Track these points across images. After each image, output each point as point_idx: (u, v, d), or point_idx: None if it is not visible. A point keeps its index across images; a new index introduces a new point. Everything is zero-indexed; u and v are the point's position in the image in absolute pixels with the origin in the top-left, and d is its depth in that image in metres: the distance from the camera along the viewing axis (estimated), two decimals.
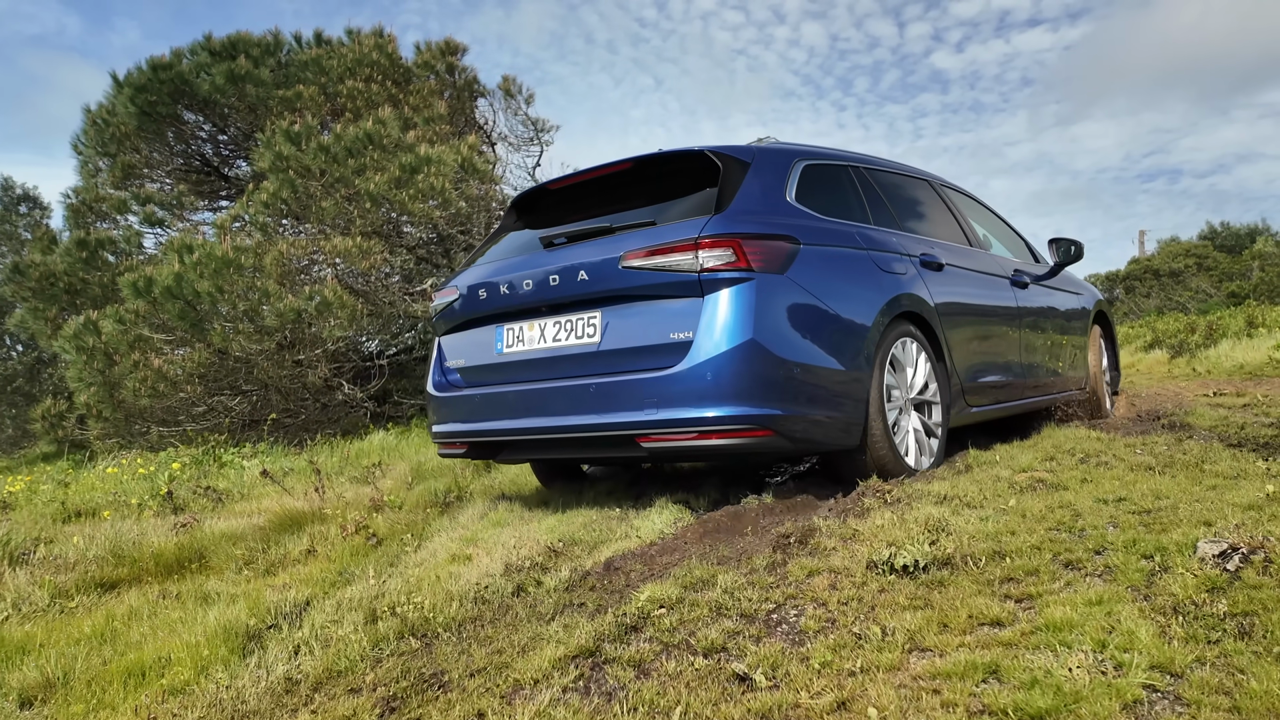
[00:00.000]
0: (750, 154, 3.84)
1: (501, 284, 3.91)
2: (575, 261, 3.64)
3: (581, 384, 3.58)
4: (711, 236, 3.35)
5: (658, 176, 3.99)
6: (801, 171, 3.99)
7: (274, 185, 9.34)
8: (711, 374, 3.26)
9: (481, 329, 4.11)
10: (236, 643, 2.55)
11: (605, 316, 3.60)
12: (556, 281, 3.68)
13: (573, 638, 2.21)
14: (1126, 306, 22.28)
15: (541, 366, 3.80)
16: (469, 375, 4.18)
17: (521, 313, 3.89)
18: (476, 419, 4.00)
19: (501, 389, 3.93)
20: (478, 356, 4.11)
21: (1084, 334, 5.99)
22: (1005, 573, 2.40)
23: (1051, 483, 3.66)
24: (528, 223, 4.44)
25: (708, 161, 3.78)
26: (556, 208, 4.35)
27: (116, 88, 11.28)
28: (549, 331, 3.77)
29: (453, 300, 4.19)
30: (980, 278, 4.88)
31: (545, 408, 3.70)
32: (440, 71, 12.05)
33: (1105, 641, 1.76)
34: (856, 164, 4.50)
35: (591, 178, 4.13)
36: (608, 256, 3.54)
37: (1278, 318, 11.37)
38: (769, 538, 3.31)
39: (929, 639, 1.99)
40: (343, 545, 3.98)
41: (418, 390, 10.92)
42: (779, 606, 2.40)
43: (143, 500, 6.01)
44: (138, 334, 8.93)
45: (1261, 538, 2.16)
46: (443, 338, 4.38)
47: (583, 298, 3.64)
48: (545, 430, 3.70)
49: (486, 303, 4.00)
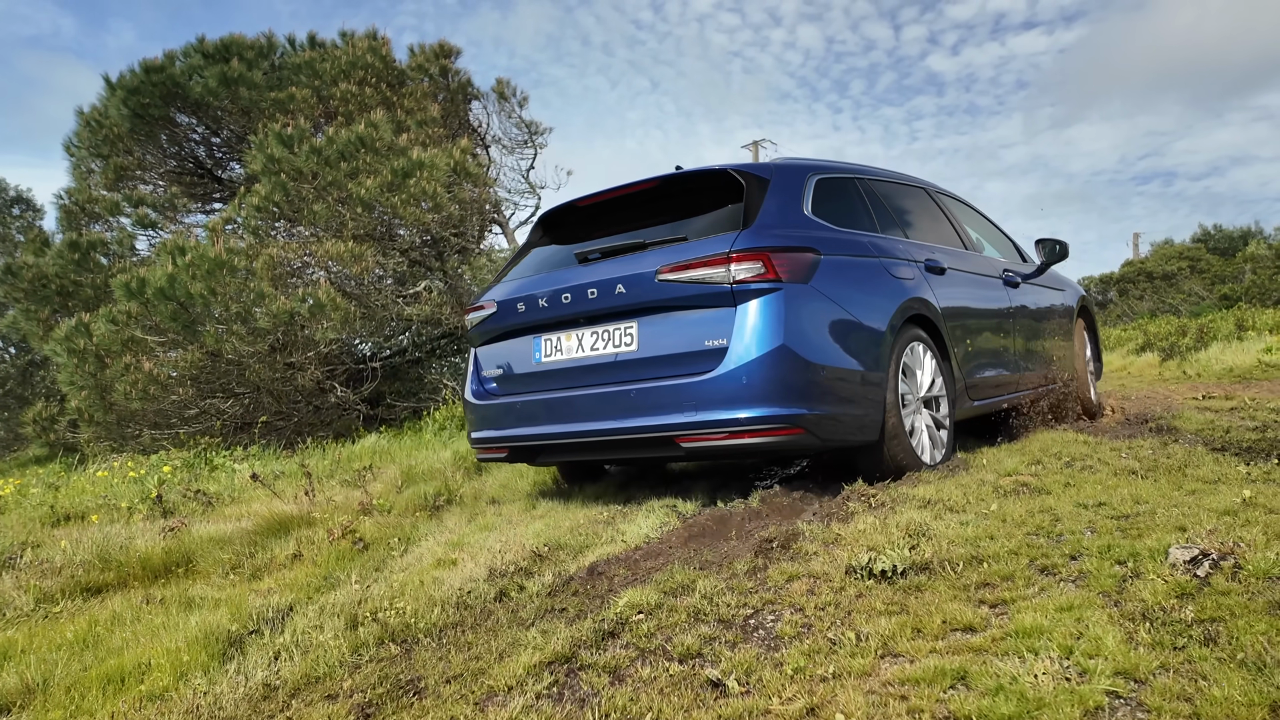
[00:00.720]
0: (769, 170, 4.07)
1: (540, 297, 4.10)
2: (613, 275, 3.84)
3: (622, 389, 3.79)
4: (742, 250, 3.58)
5: (682, 194, 4.21)
6: (815, 185, 4.22)
7: (266, 188, 9.34)
8: (746, 377, 3.49)
9: (519, 340, 4.31)
10: (217, 648, 2.55)
11: (641, 326, 3.82)
12: (595, 294, 3.89)
13: (550, 644, 2.22)
14: (1120, 309, 22.35)
15: (580, 374, 4.02)
16: (506, 384, 4.40)
17: (559, 324, 4.10)
18: (517, 425, 4.22)
19: (541, 396, 4.14)
20: (516, 366, 4.33)
21: (1069, 328, 6.27)
22: (982, 578, 2.42)
23: (1035, 487, 3.68)
24: (555, 239, 4.67)
25: (730, 179, 4.00)
26: (584, 224, 4.54)
27: (109, 90, 11.27)
28: (586, 341, 3.99)
29: (490, 314, 4.40)
30: (977, 279, 5.12)
31: (586, 413, 3.91)
32: (434, 74, 12.06)
33: (1072, 648, 1.78)
34: (861, 175, 4.74)
35: (618, 195, 4.31)
36: (644, 270, 3.76)
37: (1268, 321, 11.41)
38: (752, 542, 3.32)
39: (902, 645, 2.01)
40: (329, 550, 3.98)
41: (411, 393, 10.93)
42: (757, 612, 2.41)
43: (132, 504, 6.00)
44: (130, 335, 8.92)
45: (1232, 543, 2.17)
46: (479, 349, 4.59)
47: (620, 309, 3.85)
48: (586, 434, 3.92)
49: (525, 315, 4.20)
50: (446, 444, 8.00)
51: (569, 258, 4.26)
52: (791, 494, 4.37)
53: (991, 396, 5.06)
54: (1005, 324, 5.25)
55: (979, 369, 4.88)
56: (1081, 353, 6.39)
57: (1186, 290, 21.12)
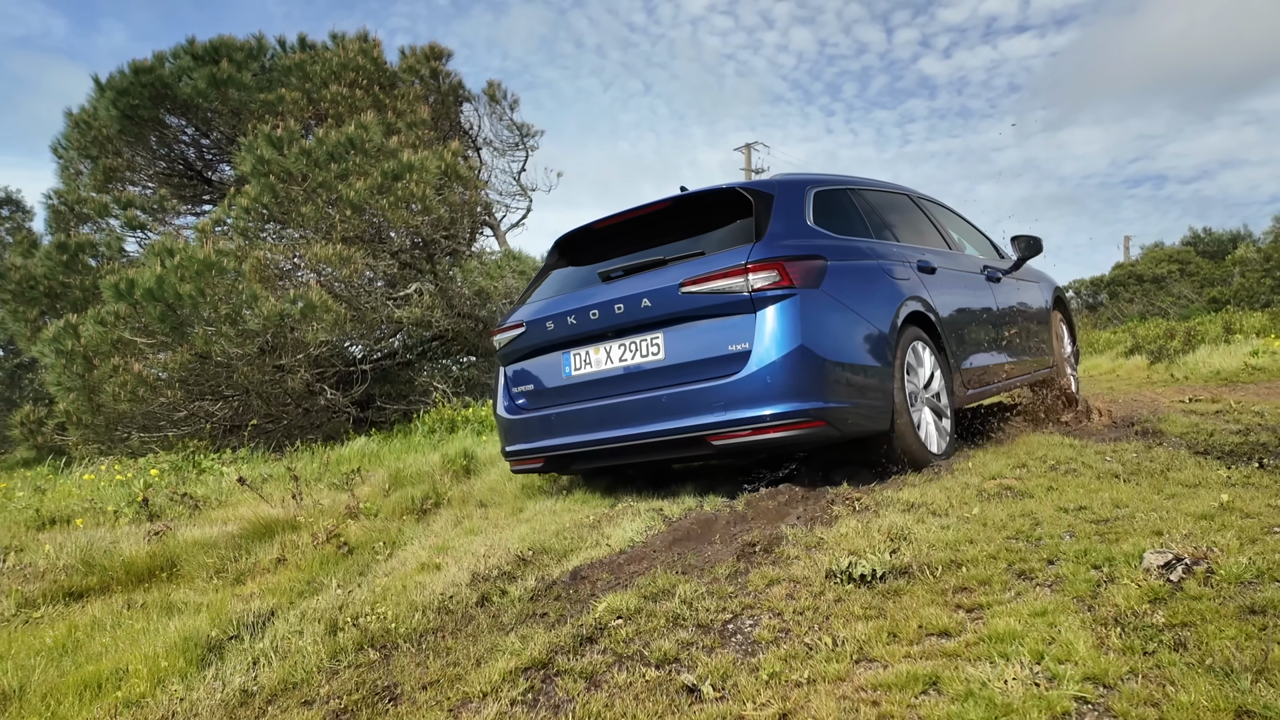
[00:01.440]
0: (772, 186, 4.34)
1: (568, 315, 4.34)
2: (638, 291, 4.08)
3: (653, 395, 4.03)
4: (757, 261, 3.84)
5: (692, 212, 4.45)
6: (814, 197, 4.50)
7: (255, 190, 9.32)
8: (770, 377, 3.75)
9: (548, 356, 4.55)
10: (196, 654, 2.55)
11: (667, 336, 4.07)
12: (622, 309, 4.13)
13: (528, 649, 2.22)
14: (1110, 311, 22.43)
15: (610, 384, 4.25)
16: (537, 398, 4.62)
17: (588, 339, 4.33)
18: (551, 436, 4.43)
19: (573, 407, 4.36)
20: (546, 381, 4.56)
21: (1047, 319, 6.60)
22: (960, 582, 2.43)
23: (1018, 490, 3.69)
24: (572, 260, 4.92)
25: (737, 196, 4.29)
26: (600, 245, 4.75)
27: (98, 91, 11.23)
28: (615, 353, 4.23)
29: (520, 333, 4.62)
30: (964, 276, 5.41)
31: (619, 420, 4.14)
32: (425, 76, 12.05)
33: (1043, 653, 1.79)
34: (852, 185, 5.03)
35: (632, 217, 4.55)
36: (667, 285, 4.00)
37: (1254, 324, 11.47)
38: (735, 546, 3.33)
39: (877, 650, 2.02)
40: (313, 554, 3.97)
41: (401, 395, 10.91)
42: (735, 616, 2.41)
43: (118, 507, 5.98)
44: (118, 337, 8.88)
45: (1206, 548, 2.19)
46: (508, 367, 4.82)
47: (646, 321, 4.09)
48: (620, 439, 4.14)
49: (554, 333, 4.43)
50: (436, 446, 7.99)
51: (591, 277, 4.49)
52: (777, 497, 4.38)
53: (984, 385, 5.33)
54: (992, 317, 5.54)
55: (971, 360, 5.13)
56: (1059, 341, 6.72)
57: (1176, 293, 21.22)
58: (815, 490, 4.39)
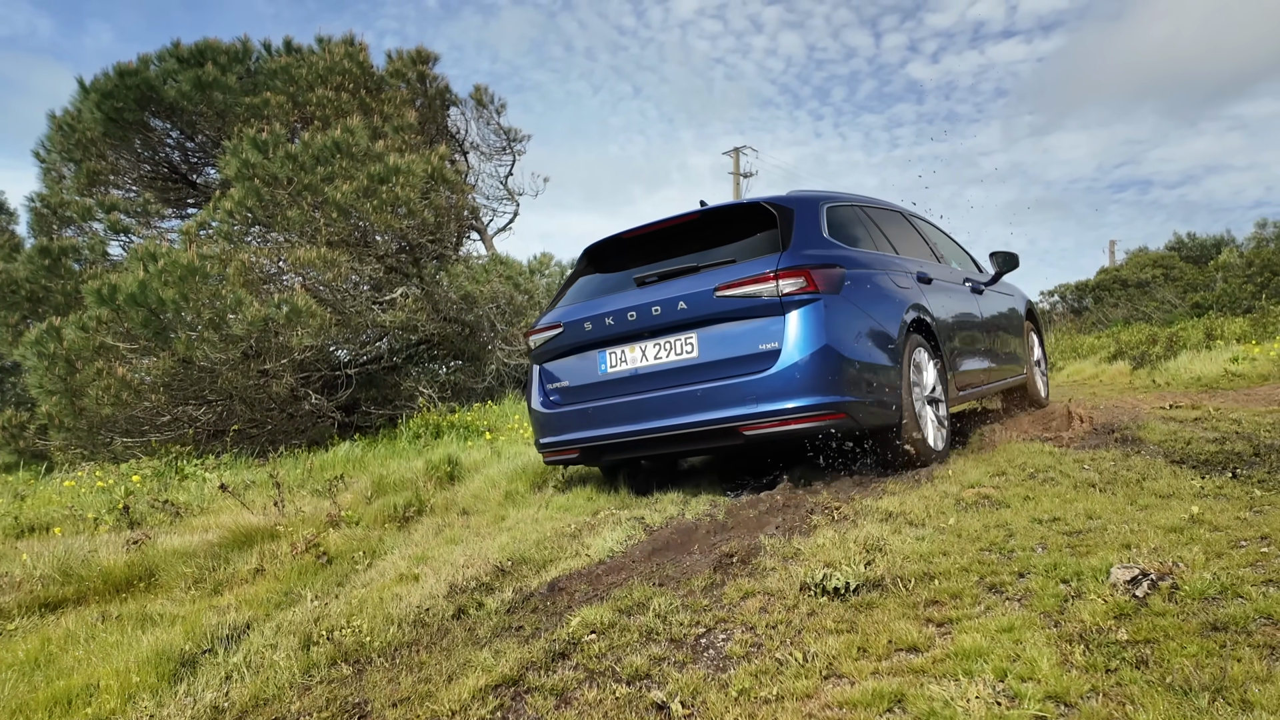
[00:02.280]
0: (792, 202, 4.70)
1: (606, 316, 4.63)
2: (675, 294, 4.41)
3: (689, 390, 4.35)
4: (786, 269, 4.21)
5: (717, 224, 4.79)
6: (828, 212, 4.86)
7: (240, 193, 9.28)
8: (798, 373, 4.10)
9: (583, 355, 4.83)
10: (168, 669, 2.53)
11: (700, 336, 4.40)
12: (659, 311, 4.44)
13: (500, 665, 2.22)
14: (1095, 316, 22.57)
15: (644, 380, 4.55)
16: (570, 394, 4.89)
17: (624, 338, 4.62)
18: (587, 428, 4.70)
19: (609, 401, 4.64)
20: (580, 378, 4.83)
21: (1021, 328, 7.08)
22: (931, 595, 2.44)
23: (995, 499, 3.72)
24: (600, 268, 5.20)
25: (762, 210, 4.66)
26: (630, 253, 5.06)
27: (83, 93, 11.16)
28: (650, 351, 4.54)
29: (557, 334, 4.89)
30: (954, 287, 5.83)
31: (654, 413, 4.45)
32: (412, 80, 12.03)
33: (1007, 670, 1.80)
34: (856, 202, 5.42)
35: (660, 228, 4.89)
36: (703, 289, 4.33)
37: (1235, 330, 11.57)
38: (713, 556, 3.34)
39: (846, 665, 2.03)
40: (292, 564, 3.96)
41: (387, 400, 10.88)
42: (709, 631, 2.42)
43: (99, 514, 5.95)
44: (101, 342, 8.82)
45: (1171, 563, 2.21)
46: (543, 365, 5.08)
47: (681, 322, 4.42)
48: (655, 430, 4.44)
49: (591, 333, 4.72)
50: (421, 452, 7.98)
51: (625, 282, 4.81)
52: (758, 505, 4.40)
53: (974, 387, 5.75)
54: (978, 325, 5.99)
55: (962, 364, 5.53)
56: (1031, 350, 7.29)
57: (1160, 298, 21.37)
58: (796, 498, 4.41)
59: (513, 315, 11.23)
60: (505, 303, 11.07)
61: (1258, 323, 11.90)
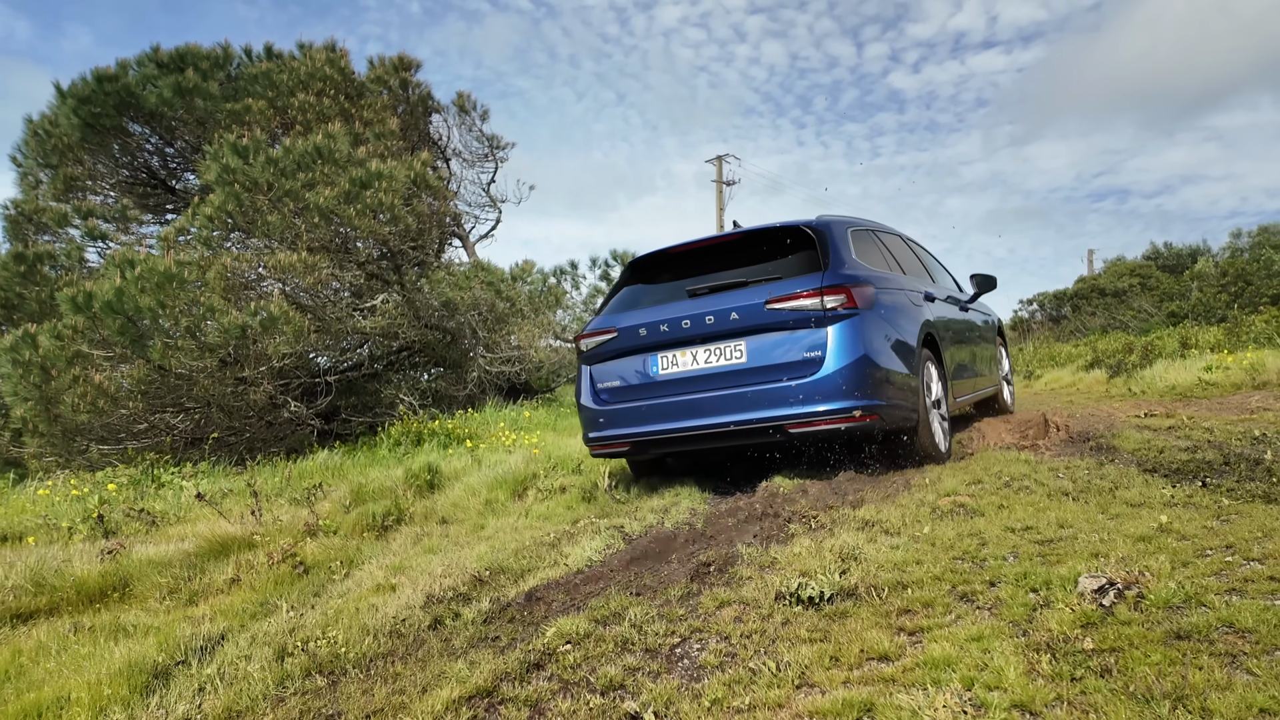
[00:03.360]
0: (823, 225, 5.12)
1: (660, 323, 5.04)
2: (727, 305, 4.84)
3: (736, 392, 4.76)
4: (830, 286, 4.67)
5: (757, 244, 5.19)
6: (852, 235, 5.31)
7: (220, 198, 9.22)
8: (841, 379, 4.55)
9: (634, 358, 5.21)
10: (140, 681, 2.52)
11: (749, 343, 4.81)
12: (712, 320, 4.87)
13: (474, 676, 2.22)
14: (1074, 324, 22.81)
15: (694, 382, 4.95)
16: (620, 393, 5.26)
17: (676, 343, 5.02)
18: (637, 424, 5.10)
19: (659, 400, 5.04)
20: (631, 378, 5.22)
21: (994, 343, 7.85)
22: (904, 604, 2.47)
23: (971, 508, 3.75)
24: (644, 279, 5.59)
25: (798, 232, 5.07)
26: (674, 267, 5.46)
27: (60, 98, 11.06)
28: (700, 356, 4.95)
29: (611, 338, 5.28)
30: (948, 306, 6.39)
31: (703, 411, 4.85)
32: (394, 87, 12.01)
33: (975, 679, 1.83)
34: (870, 227, 5.91)
35: (704, 245, 5.35)
36: (754, 302, 4.78)
37: (1209, 339, 11.73)
38: (690, 566, 3.35)
39: (818, 674, 2.05)
40: (268, 574, 3.94)
41: (367, 407, 10.83)
42: (684, 640, 2.44)
43: (73, 523, 5.88)
44: (76, 349, 8.73)
45: (1138, 573, 2.24)
46: (592, 366, 5.43)
47: (732, 330, 4.84)
48: (704, 428, 4.84)
49: (646, 338, 5.11)
50: (401, 460, 7.94)
51: (675, 293, 5.23)
52: (737, 515, 4.42)
53: (966, 395, 6.37)
54: (967, 341, 6.60)
55: (958, 375, 6.10)
56: (1001, 364, 8.08)
57: (1137, 307, 21.61)
58: (774, 506, 4.43)
59: (494, 322, 11.22)
60: (487, 310, 11.06)
61: (1231, 332, 12.07)
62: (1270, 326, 11.49)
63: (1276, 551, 2.46)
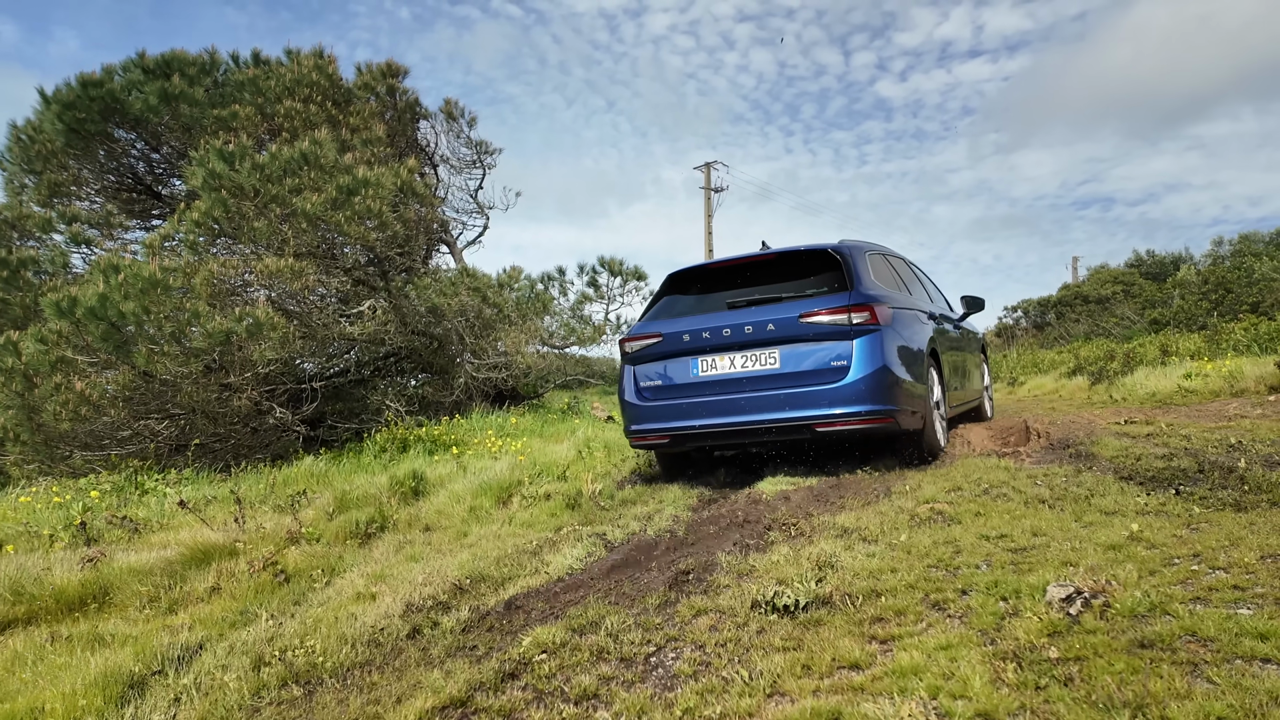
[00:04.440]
0: (846, 249, 5.68)
1: (703, 330, 5.59)
2: (765, 317, 5.41)
3: (770, 394, 5.31)
4: (856, 304, 5.24)
5: (787, 263, 5.81)
6: (869, 258, 5.89)
7: (206, 204, 9.19)
8: (864, 385, 5.11)
9: (675, 360, 5.76)
10: (116, 691, 2.51)
11: (782, 351, 5.39)
12: (750, 330, 5.43)
13: (449, 686, 2.24)
14: (1058, 331, 22.98)
15: (730, 384, 5.51)
16: (661, 392, 5.81)
17: (715, 349, 5.57)
18: (677, 419, 5.63)
19: (698, 399, 5.57)
20: (673, 379, 5.76)
21: (979, 361, 8.57)
22: (877, 612, 2.50)
23: (948, 515, 3.79)
24: (682, 290, 6.16)
25: (825, 255, 5.67)
26: (711, 280, 6.05)
27: (44, 103, 11.00)
28: (737, 361, 5.50)
29: (656, 342, 5.83)
30: (946, 323, 7.06)
31: (739, 410, 5.40)
32: (381, 93, 12.01)
33: (941, 688, 1.85)
34: (881, 251, 6.50)
35: (739, 263, 5.96)
36: (788, 315, 5.35)
37: (1189, 347, 11.83)
38: (669, 574, 3.37)
39: (789, 683, 2.07)
40: (249, 582, 3.93)
41: (353, 414, 10.81)
42: (659, 649, 2.45)
43: (54, 531, 5.84)
44: (60, 355, 8.68)
45: (1105, 582, 2.28)
46: (636, 366, 5.98)
47: (767, 339, 5.40)
48: (740, 424, 5.40)
49: (689, 343, 5.66)
50: (386, 467, 7.92)
51: (717, 304, 5.80)
52: (719, 522, 4.45)
53: (959, 403, 7.05)
54: (960, 353, 7.31)
55: (953, 384, 6.73)
56: (984, 377, 8.83)
57: (1120, 314, 21.79)
58: (755, 513, 4.46)
59: (481, 328, 11.22)
60: (474, 316, 11.05)
61: (1211, 339, 12.18)
62: (1249, 334, 11.60)
63: (1242, 560, 2.50)
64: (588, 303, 12.57)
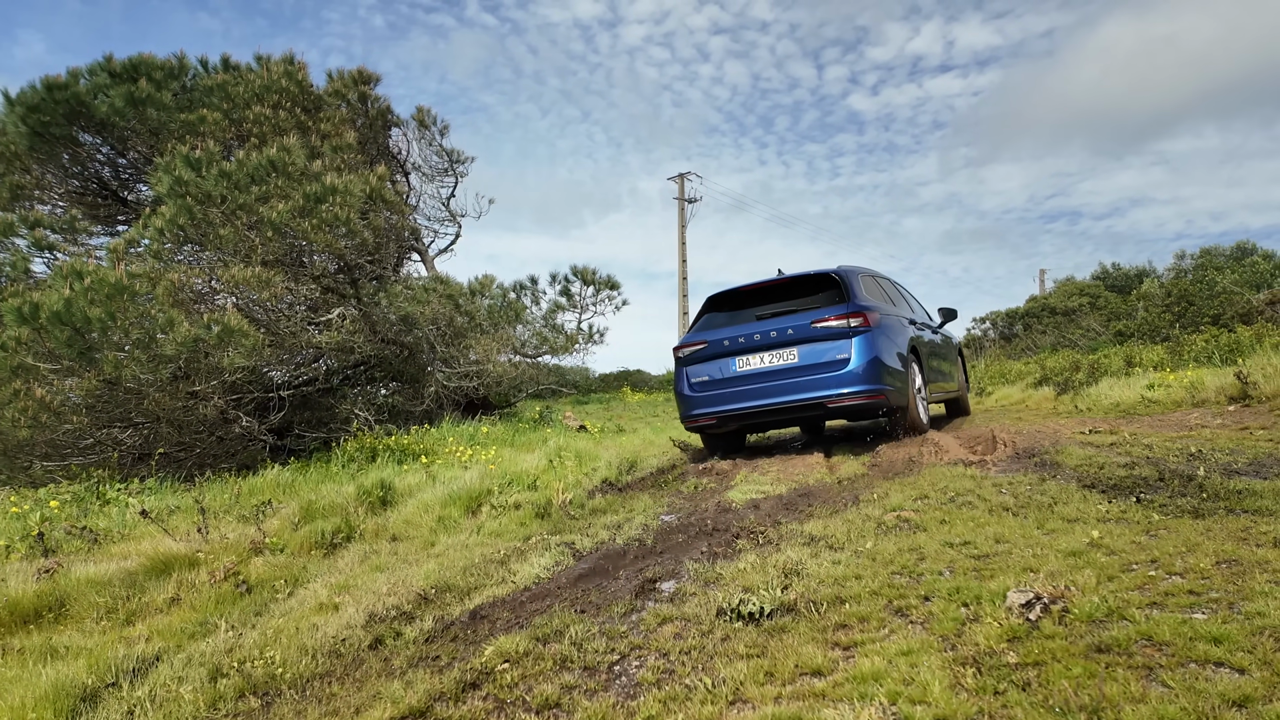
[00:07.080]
0: (844, 272, 7.37)
1: (739, 336, 7.23)
2: (786, 324, 7.07)
3: (791, 381, 6.92)
4: (852, 311, 6.86)
5: (800, 285, 7.48)
6: (861, 279, 7.55)
7: (171, 211, 9.06)
8: (861, 371, 6.72)
9: (718, 360, 7.36)
10: (67, 704, 2.45)
11: (799, 349, 7.00)
12: (775, 334, 7.09)
13: (408, 696, 2.21)
14: (1025, 343, 23.31)
15: (762, 376, 7.10)
16: (707, 385, 7.39)
17: (749, 350, 7.18)
18: (722, 404, 7.20)
19: (737, 388, 7.17)
20: (717, 374, 7.35)
21: (956, 357, 10.30)
22: (841, 619, 2.50)
23: (914, 523, 3.81)
24: (719, 308, 7.83)
25: (828, 277, 7.34)
26: (742, 299, 7.75)
27: (7, 106, 10.80)
28: (766, 359, 7.12)
29: (702, 347, 7.42)
30: (924, 328, 8.64)
31: (769, 394, 6.98)
32: (352, 100, 11.93)
33: (900, 693, 1.86)
34: (871, 273, 8.13)
35: (764, 286, 7.60)
36: (803, 321, 7.00)
37: (1153, 358, 12.05)
38: (637, 582, 3.36)
39: (752, 690, 2.07)
40: (210, 592, 3.86)
41: (321, 423, 10.68)
42: (623, 658, 2.44)
43: (10, 542, 5.71)
44: (20, 362, 8.49)
45: (1064, 587, 2.30)
46: (687, 367, 7.56)
47: (788, 341, 7.04)
48: (769, 405, 6.96)
49: (729, 347, 7.28)
50: (354, 477, 7.83)
51: (749, 316, 7.45)
52: (688, 530, 4.44)
53: (940, 391, 8.81)
54: (937, 353, 8.88)
55: (932, 377, 8.33)
56: (962, 374, 10.51)
57: (1085, 326, 22.15)
58: (724, 521, 4.46)
59: (453, 337, 11.15)
60: (445, 324, 10.98)
61: (1173, 351, 12.41)
62: (1210, 346, 11.84)
63: (1198, 566, 2.54)
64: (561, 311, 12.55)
